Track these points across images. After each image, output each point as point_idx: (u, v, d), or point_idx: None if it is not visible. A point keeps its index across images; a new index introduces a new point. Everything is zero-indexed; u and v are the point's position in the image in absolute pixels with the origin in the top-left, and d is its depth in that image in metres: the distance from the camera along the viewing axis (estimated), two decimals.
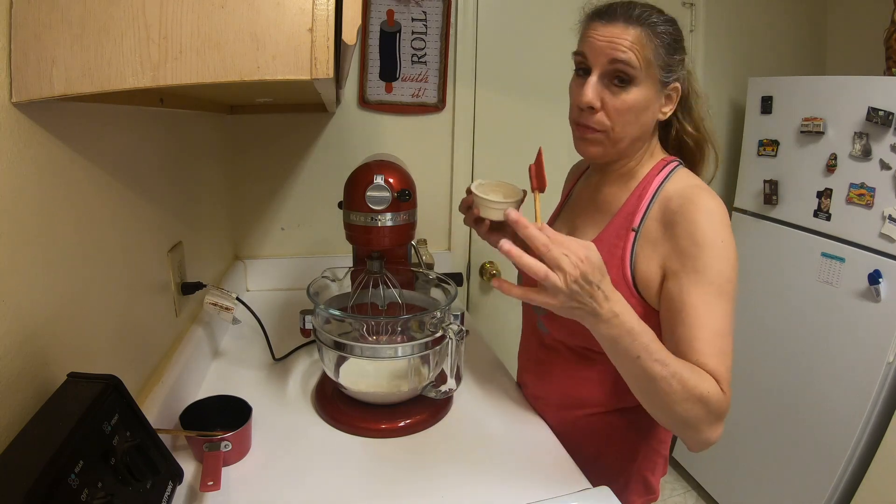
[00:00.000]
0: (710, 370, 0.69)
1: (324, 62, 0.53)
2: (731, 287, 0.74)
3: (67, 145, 0.63)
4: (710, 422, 0.69)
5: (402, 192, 0.95)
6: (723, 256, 0.73)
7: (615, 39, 0.75)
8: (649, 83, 0.77)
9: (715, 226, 0.74)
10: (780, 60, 1.99)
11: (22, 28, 0.50)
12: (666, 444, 0.97)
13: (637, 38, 0.75)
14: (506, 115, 1.73)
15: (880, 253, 1.43)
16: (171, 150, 1.05)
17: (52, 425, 0.49)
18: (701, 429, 0.69)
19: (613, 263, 0.80)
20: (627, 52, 0.75)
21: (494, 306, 1.92)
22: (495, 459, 0.87)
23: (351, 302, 1.06)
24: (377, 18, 1.57)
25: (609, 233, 0.83)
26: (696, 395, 0.67)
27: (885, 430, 1.44)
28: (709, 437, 0.71)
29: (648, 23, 0.76)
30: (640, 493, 0.96)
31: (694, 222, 0.74)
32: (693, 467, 2.12)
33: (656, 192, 0.81)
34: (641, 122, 0.80)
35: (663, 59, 0.77)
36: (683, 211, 0.76)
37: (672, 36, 0.78)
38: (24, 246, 0.55)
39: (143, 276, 0.89)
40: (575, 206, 0.96)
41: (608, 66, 0.76)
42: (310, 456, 0.87)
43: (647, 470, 0.95)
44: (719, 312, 0.72)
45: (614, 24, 0.76)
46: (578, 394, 0.92)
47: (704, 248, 0.73)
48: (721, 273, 0.73)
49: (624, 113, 0.77)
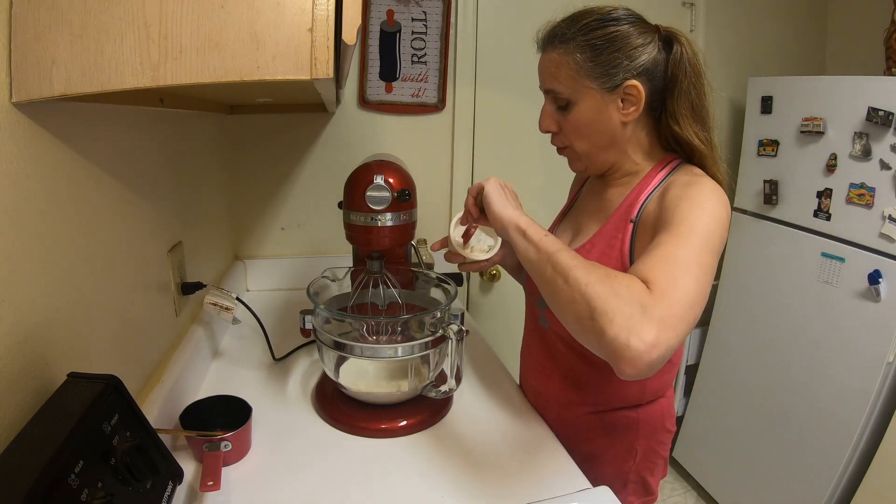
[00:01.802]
0: (647, 279, 0.61)
1: (324, 62, 0.53)
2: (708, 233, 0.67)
3: (67, 145, 0.63)
4: (625, 309, 0.57)
5: (402, 192, 0.95)
6: (705, 210, 0.69)
7: (542, 71, 0.82)
8: (587, 95, 0.78)
9: (706, 193, 0.72)
10: (780, 60, 1.99)
11: (22, 28, 0.50)
12: (666, 445, 0.97)
13: (555, 62, 0.79)
14: (506, 115, 1.73)
15: (880, 253, 1.43)
16: (171, 149, 1.05)
17: (52, 425, 0.49)
18: (612, 315, 0.57)
19: (612, 255, 0.80)
20: (552, 80, 0.80)
21: (494, 306, 1.92)
22: (495, 459, 0.87)
23: (351, 302, 1.06)
24: (377, 18, 1.57)
25: (609, 226, 0.84)
26: (605, 272, 0.61)
27: (884, 431, 1.43)
28: (621, 331, 0.56)
29: (564, 39, 0.78)
30: (639, 494, 0.96)
31: (685, 189, 0.73)
32: (693, 467, 2.12)
33: (657, 186, 0.80)
34: (600, 132, 0.81)
35: (591, 68, 0.76)
36: (678, 184, 0.75)
37: (599, 39, 0.76)
38: (24, 246, 0.55)
39: (143, 276, 0.89)
40: (579, 208, 0.98)
41: (546, 96, 0.83)
42: (310, 456, 0.87)
43: (647, 470, 0.95)
44: (685, 248, 0.64)
45: (543, 54, 0.82)
46: (579, 391, 0.92)
47: (685, 200, 0.71)
48: (698, 220, 0.67)
49: (575, 129, 0.82)
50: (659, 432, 0.94)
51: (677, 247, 0.65)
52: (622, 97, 0.78)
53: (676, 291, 0.59)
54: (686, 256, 0.63)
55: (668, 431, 0.95)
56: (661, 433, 0.94)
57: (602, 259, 0.80)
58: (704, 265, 0.64)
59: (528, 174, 1.78)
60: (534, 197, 1.57)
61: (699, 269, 0.63)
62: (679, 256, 0.63)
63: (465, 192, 0.90)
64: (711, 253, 0.66)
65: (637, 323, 0.56)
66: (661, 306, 0.57)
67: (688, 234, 0.66)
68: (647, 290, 0.59)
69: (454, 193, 1.75)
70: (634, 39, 0.77)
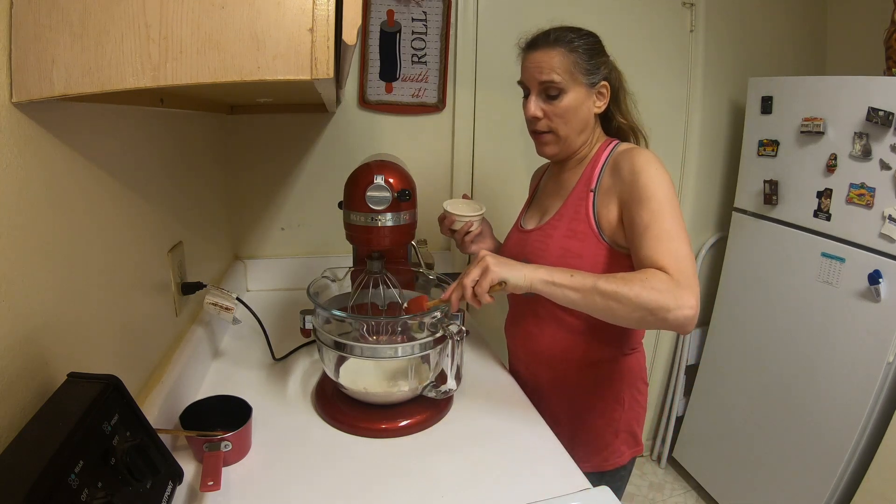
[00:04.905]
0: (661, 266, 0.82)
1: (324, 62, 0.53)
2: (670, 198, 0.88)
3: (67, 145, 0.63)
4: (669, 297, 0.78)
5: (402, 192, 0.95)
6: (658, 177, 0.89)
7: (541, 64, 0.96)
8: (577, 87, 0.97)
9: (647, 157, 0.92)
10: (780, 60, 1.99)
11: (22, 28, 0.50)
12: (645, 396, 1.10)
13: (558, 57, 0.95)
14: (506, 115, 1.73)
15: (880, 253, 1.43)
16: (171, 150, 1.05)
17: (51, 425, 0.49)
18: (666, 305, 0.78)
19: (580, 219, 0.98)
20: (551, 72, 0.95)
21: (494, 306, 1.91)
22: (495, 459, 0.87)
23: (351, 302, 1.06)
24: (377, 18, 1.57)
25: (572, 199, 1.01)
26: (638, 279, 0.80)
27: (885, 430, 1.43)
28: (678, 311, 0.78)
29: (564, 41, 0.95)
30: (629, 445, 1.07)
31: (631, 159, 0.93)
32: (693, 467, 2.12)
33: (606, 160, 0.99)
34: (579, 118, 0.99)
35: (584, 65, 0.96)
36: (624, 155, 0.95)
37: (589, 45, 0.97)
38: (24, 246, 0.55)
39: (143, 276, 0.89)
40: (542, 194, 1.14)
41: (539, 86, 0.98)
42: (310, 456, 0.87)
43: (633, 420, 1.07)
44: (665, 220, 0.85)
45: (539, 51, 0.97)
46: (568, 340, 1.03)
47: (641, 173, 0.89)
48: (658, 189, 0.87)
49: (561, 115, 0.98)
50: (638, 382, 1.07)
51: (661, 222, 0.85)
52: (597, 93, 0.99)
53: (681, 261, 0.82)
54: (670, 228, 0.85)
55: (645, 383, 1.10)
56: (640, 383, 1.08)
57: (571, 223, 0.99)
58: (680, 222, 0.86)
59: (527, 174, 1.77)
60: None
61: (681, 230, 0.85)
62: (665, 230, 0.85)
63: (465, 191, 0.92)
64: (677, 208, 0.88)
65: (680, 300, 0.78)
66: (682, 278, 0.80)
67: (660, 208, 0.86)
68: (667, 274, 0.80)
69: (454, 194, 1.75)
70: (603, 55, 1.00)
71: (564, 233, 0.99)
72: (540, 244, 1.02)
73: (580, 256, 0.96)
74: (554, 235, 1.00)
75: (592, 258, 0.95)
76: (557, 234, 1.00)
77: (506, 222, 1.25)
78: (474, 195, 1.75)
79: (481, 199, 1.34)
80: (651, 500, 2.10)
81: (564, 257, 0.97)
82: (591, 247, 0.96)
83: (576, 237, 0.97)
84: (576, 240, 0.97)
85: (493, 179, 1.77)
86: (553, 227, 1.02)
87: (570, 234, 0.98)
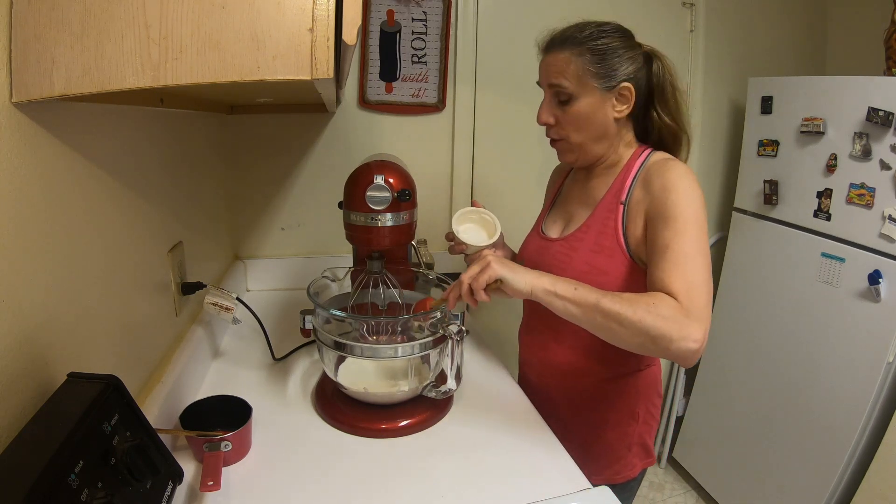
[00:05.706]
0: (672, 291, 0.77)
1: (324, 62, 0.53)
2: (697, 219, 0.83)
3: (67, 145, 0.63)
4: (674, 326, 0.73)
5: (402, 192, 0.95)
6: (689, 195, 0.84)
7: (550, 68, 0.92)
8: (589, 92, 0.90)
9: (680, 173, 0.86)
10: (780, 60, 1.99)
11: (22, 28, 0.50)
12: (658, 406, 1.06)
13: (565, 61, 0.90)
14: (506, 115, 1.73)
15: (880, 253, 1.43)
16: (171, 150, 1.05)
17: (51, 425, 0.49)
18: (669, 335, 0.73)
19: (608, 234, 0.92)
20: (559, 76, 0.90)
21: (494, 306, 1.91)
22: (495, 459, 0.87)
23: (351, 302, 1.06)
24: (377, 18, 1.57)
25: (601, 210, 0.95)
26: (644, 303, 0.75)
27: (885, 430, 1.43)
28: (681, 342, 0.73)
29: (575, 42, 0.89)
30: (641, 457, 1.04)
31: (664, 174, 0.87)
32: (693, 467, 2.12)
33: (638, 171, 0.93)
34: (595, 126, 0.92)
35: (596, 69, 0.89)
36: (658, 168, 0.89)
37: (605, 44, 0.89)
38: (25, 246, 0.55)
39: (144, 276, 0.89)
40: (566, 198, 1.08)
41: (550, 90, 0.93)
42: (310, 456, 0.87)
43: (646, 433, 1.03)
44: (687, 242, 0.80)
45: (550, 54, 0.93)
46: (587, 359, 0.99)
47: (672, 190, 0.84)
48: (687, 208, 0.83)
49: (573, 122, 0.92)
50: (654, 396, 1.04)
51: (682, 244, 0.80)
52: (617, 96, 0.91)
53: (695, 289, 0.76)
54: (690, 251, 0.79)
55: (660, 396, 1.07)
56: (655, 397, 1.05)
57: (599, 237, 0.93)
58: (703, 247, 0.81)
59: (527, 174, 1.77)
60: (533, 197, 1.57)
61: (702, 256, 0.80)
62: (685, 253, 0.79)
63: (465, 192, 0.92)
64: (704, 232, 0.82)
65: (685, 331, 0.73)
66: (693, 308, 0.75)
67: (685, 228, 0.81)
68: (677, 301, 0.75)
69: (454, 193, 1.74)
70: (627, 52, 0.91)
71: (591, 247, 0.93)
72: (564, 257, 0.97)
73: (606, 273, 0.91)
74: (579, 249, 0.95)
75: (618, 275, 0.90)
76: (583, 248, 0.94)
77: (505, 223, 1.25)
78: (474, 195, 1.75)
79: (481, 199, 1.33)
80: (651, 500, 2.10)
81: (590, 274, 0.91)
82: (618, 264, 0.90)
83: (603, 252, 0.92)
84: (602, 255, 0.92)
85: (493, 179, 1.77)
86: (578, 239, 0.96)
87: (597, 248, 0.92)
